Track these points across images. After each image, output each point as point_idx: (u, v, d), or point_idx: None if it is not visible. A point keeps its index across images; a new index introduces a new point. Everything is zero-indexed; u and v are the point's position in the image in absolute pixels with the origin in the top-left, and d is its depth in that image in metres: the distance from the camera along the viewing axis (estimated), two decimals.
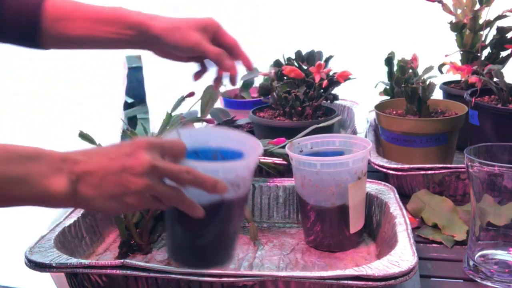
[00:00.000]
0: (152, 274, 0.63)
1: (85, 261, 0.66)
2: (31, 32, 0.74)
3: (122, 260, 0.64)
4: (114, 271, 0.64)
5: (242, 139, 0.68)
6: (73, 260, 0.66)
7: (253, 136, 0.69)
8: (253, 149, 0.66)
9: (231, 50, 0.78)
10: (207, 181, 0.57)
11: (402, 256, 0.64)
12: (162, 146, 0.57)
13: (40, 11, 0.73)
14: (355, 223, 0.81)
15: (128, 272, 0.64)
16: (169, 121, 0.91)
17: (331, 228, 0.81)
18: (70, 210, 0.83)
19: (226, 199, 0.63)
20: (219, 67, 0.77)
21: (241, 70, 1.37)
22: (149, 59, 1.98)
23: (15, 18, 0.74)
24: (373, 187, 0.88)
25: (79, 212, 0.82)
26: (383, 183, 0.89)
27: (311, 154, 0.85)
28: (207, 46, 0.74)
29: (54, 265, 0.66)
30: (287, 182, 0.91)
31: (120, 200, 0.54)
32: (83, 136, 0.85)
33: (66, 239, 0.77)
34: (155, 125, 2.02)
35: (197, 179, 0.57)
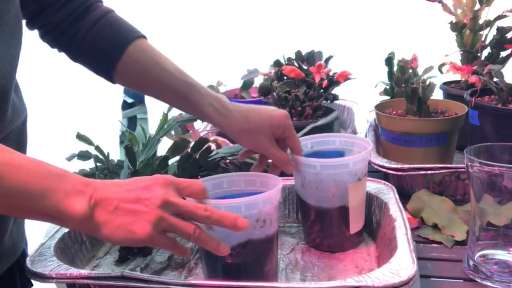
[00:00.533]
0: (151, 285, 0.63)
1: (85, 272, 0.66)
2: (105, 70, 0.78)
3: (121, 271, 0.63)
4: (113, 282, 0.64)
5: (264, 179, 0.72)
6: (73, 270, 0.66)
7: (274, 176, 0.73)
8: (275, 187, 0.68)
9: (290, 148, 0.81)
10: (226, 218, 0.59)
11: (402, 264, 0.63)
12: (178, 184, 0.59)
13: (118, 59, 0.76)
14: (355, 224, 0.80)
15: (127, 283, 0.64)
16: (165, 122, 0.91)
17: (331, 228, 0.80)
18: None
19: (254, 238, 0.64)
20: (279, 168, 0.80)
21: (241, 70, 1.38)
22: None
23: (94, 54, 0.77)
24: (372, 186, 0.87)
25: None
26: (382, 181, 0.89)
27: (311, 154, 0.85)
28: (274, 153, 0.78)
29: (54, 275, 0.66)
30: (287, 181, 0.91)
31: (130, 229, 0.55)
32: (81, 137, 0.85)
33: (66, 245, 0.77)
34: (153, 125, 2.02)
35: (215, 216, 0.59)
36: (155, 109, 2.01)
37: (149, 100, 2.04)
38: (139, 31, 0.79)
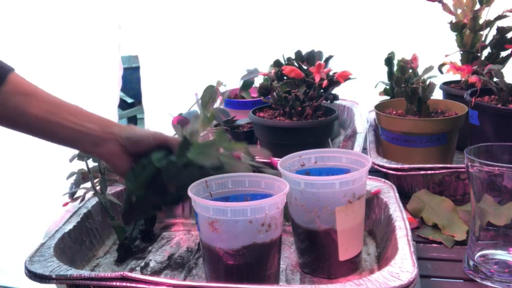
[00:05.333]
0: (152, 287, 0.63)
1: (85, 273, 0.66)
2: None
3: (121, 272, 0.63)
4: (113, 283, 0.64)
5: (270, 181, 0.71)
6: (73, 272, 0.66)
7: (280, 178, 0.71)
8: (280, 189, 0.67)
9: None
10: None
11: (402, 266, 0.63)
12: None
13: (1, 81, 0.68)
14: (346, 250, 0.73)
15: (128, 284, 0.64)
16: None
17: (318, 251, 0.74)
18: (69, 214, 0.83)
19: (258, 241, 0.64)
20: None
21: (241, 70, 1.37)
22: (146, 60, 1.98)
23: None
24: (373, 184, 0.87)
25: (78, 216, 0.82)
26: (382, 180, 0.89)
27: (314, 169, 0.79)
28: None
29: (53, 276, 0.66)
30: None
31: None
32: None
33: (66, 245, 0.77)
34: (149, 126, 2.02)
35: None
36: (152, 110, 2.01)
37: (147, 100, 2.03)
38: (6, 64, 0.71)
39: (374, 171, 0.99)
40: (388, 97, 1.26)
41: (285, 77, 1.15)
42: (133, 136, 0.72)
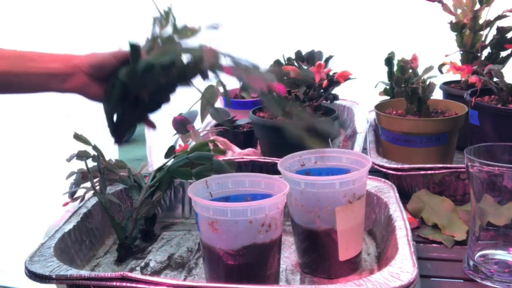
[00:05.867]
0: (152, 287, 0.63)
1: (85, 273, 0.65)
2: None
3: (121, 272, 0.63)
4: (113, 283, 0.64)
5: (270, 181, 0.71)
6: (73, 272, 0.66)
7: (280, 178, 0.71)
8: (280, 190, 0.67)
9: None
10: None
11: (403, 267, 0.63)
12: None
13: None
14: (346, 250, 0.73)
15: (128, 284, 0.64)
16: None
17: (318, 251, 0.74)
18: (69, 214, 0.83)
19: (258, 242, 0.64)
20: None
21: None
22: None
23: None
24: (373, 184, 0.87)
25: (78, 216, 0.82)
26: (382, 179, 0.88)
27: (314, 169, 0.79)
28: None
29: (53, 276, 0.66)
30: None
31: None
32: (78, 137, 0.85)
33: (66, 245, 0.77)
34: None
35: None
36: None
37: None
38: None
39: (374, 171, 0.99)
40: (388, 97, 1.26)
41: (285, 77, 1.14)
42: (95, 63, 0.72)
